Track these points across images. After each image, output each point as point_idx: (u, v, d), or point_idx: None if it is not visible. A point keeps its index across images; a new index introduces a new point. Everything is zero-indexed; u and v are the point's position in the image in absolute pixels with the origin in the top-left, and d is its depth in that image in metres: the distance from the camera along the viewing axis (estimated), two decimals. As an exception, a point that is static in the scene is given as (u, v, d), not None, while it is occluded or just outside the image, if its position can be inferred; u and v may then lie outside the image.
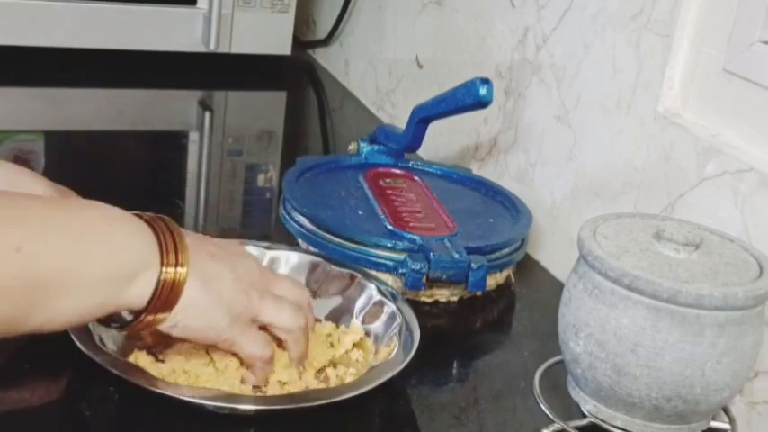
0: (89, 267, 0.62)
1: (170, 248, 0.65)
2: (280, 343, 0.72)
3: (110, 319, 0.67)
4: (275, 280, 0.73)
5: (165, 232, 0.65)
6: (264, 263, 0.84)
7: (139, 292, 0.64)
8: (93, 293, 0.62)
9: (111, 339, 0.72)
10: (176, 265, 0.64)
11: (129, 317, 0.66)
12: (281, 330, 0.71)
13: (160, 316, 0.65)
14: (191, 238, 0.67)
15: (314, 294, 0.83)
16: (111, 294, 0.63)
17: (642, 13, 0.86)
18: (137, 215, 0.67)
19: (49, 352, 0.70)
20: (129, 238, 0.64)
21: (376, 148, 1.06)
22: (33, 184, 0.78)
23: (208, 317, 0.66)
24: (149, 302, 0.64)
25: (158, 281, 0.64)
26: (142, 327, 0.66)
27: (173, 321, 0.65)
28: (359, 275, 0.83)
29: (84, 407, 0.68)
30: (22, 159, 1.06)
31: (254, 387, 0.71)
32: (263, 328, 0.71)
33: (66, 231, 0.62)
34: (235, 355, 0.70)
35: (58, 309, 0.61)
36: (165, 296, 0.64)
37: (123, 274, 0.63)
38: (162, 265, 0.64)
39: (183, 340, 0.71)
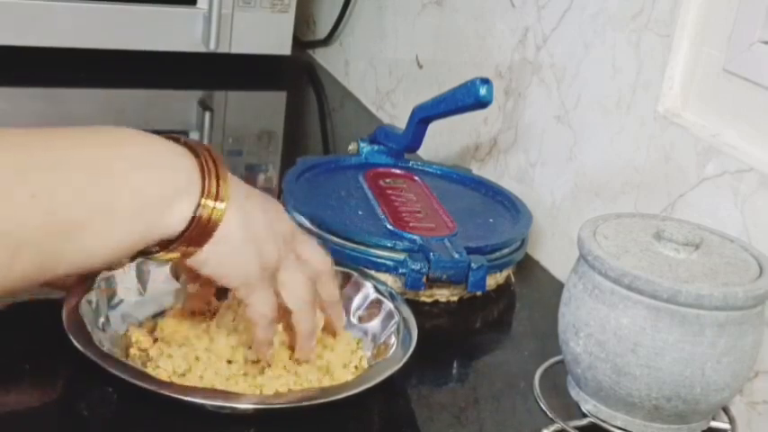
0: (120, 203, 0.59)
1: (212, 179, 0.62)
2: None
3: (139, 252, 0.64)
4: (303, 241, 0.70)
5: (208, 160, 0.62)
6: None
7: (178, 220, 0.61)
8: (128, 229, 0.60)
9: (108, 340, 0.72)
10: (216, 198, 0.62)
11: (155, 248, 0.63)
12: (291, 297, 0.68)
13: (191, 249, 0.62)
14: (232, 177, 0.64)
15: None
16: (148, 225, 0.60)
17: (642, 13, 0.86)
18: (182, 142, 0.64)
19: (49, 352, 0.70)
20: (171, 170, 0.61)
21: (376, 148, 1.06)
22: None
23: (238, 257, 0.64)
24: (183, 232, 0.61)
25: (196, 208, 0.61)
26: (171, 258, 0.63)
27: (204, 255, 0.63)
28: (355, 274, 0.83)
29: (82, 407, 0.68)
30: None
31: (254, 363, 0.70)
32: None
33: (90, 166, 0.59)
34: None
35: (90, 248, 0.59)
36: (203, 227, 0.61)
37: (161, 199, 0.60)
38: (202, 195, 0.61)
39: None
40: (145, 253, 0.64)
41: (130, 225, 0.60)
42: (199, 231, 0.62)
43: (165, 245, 0.62)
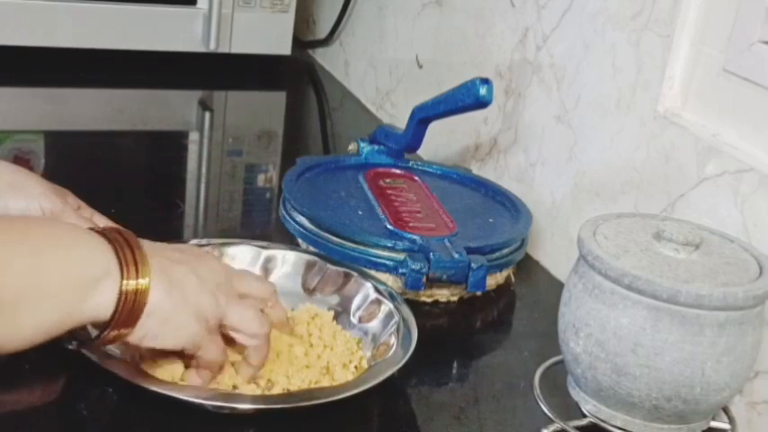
0: (47, 280, 0.60)
1: (129, 260, 0.63)
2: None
3: (73, 338, 0.66)
4: (239, 278, 0.71)
5: (122, 244, 0.64)
6: (260, 262, 0.84)
7: (101, 304, 0.62)
8: (53, 307, 0.61)
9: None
10: (137, 276, 0.63)
11: (93, 332, 0.65)
12: (245, 336, 0.69)
13: (124, 331, 0.63)
14: (149, 247, 0.65)
15: (310, 293, 0.83)
16: (72, 307, 0.61)
17: (642, 13, 0.86)
18: (93, 230, 0.65)
19: (48, 352, 0.70)
20: (87, 249, 0.63)
21: (376, 148, 1.06)
22: (33, 184, 0.78)
23: (176, 322, 0.65)
24: (113, 316, 0.62)
25: (120, 292, 0.62)
26: (108, 341, 0.65)
27: (141, 332, 0.64)
28: (355, 274, 0.83)
29: (82, 407, 0.68)
30: (22, 159, 1.06)
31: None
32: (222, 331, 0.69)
33: (19, 246, 0.61)
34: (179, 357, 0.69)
35: (18, 324, 0.60)
36: (129, 307, 0.63)
37: (83, 285, 0.61)
38: (122, 277, 0.62)
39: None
40: (85, 341, 0.65)
41: (57, 305, 0.61)
42: (128, 311, 0.63)
43: (102, 329, 0.63)
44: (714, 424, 0.71)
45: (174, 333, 0.65)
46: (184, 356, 0.69)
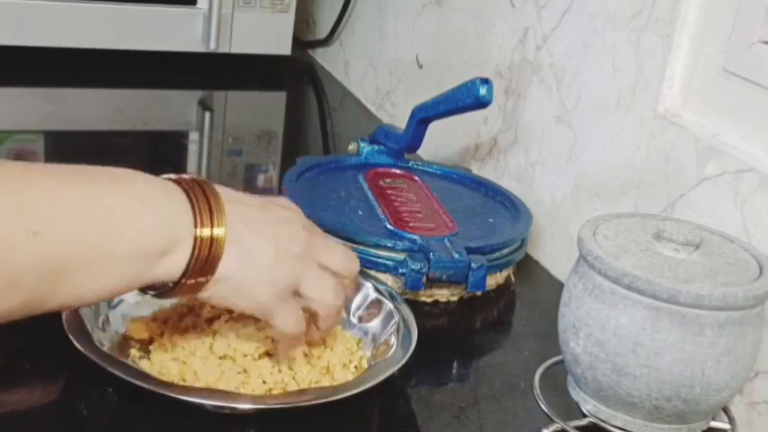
0: (115, 248, 0.59)
1: (204, 211, 0.62)
2: None
3: (151, 287, 0.64)
4: (323, 247, 0.69)
5: (199, 195, 0.62)
6: None
7: (171, 268, 0.61)
8: (121, 273, 0.60)
9: (108, 340, 0.72)
10: (212, 227, 0.61)
11: (170, 283, 0.63)
12: (318, 305, 0.68)
13: (200, 280, 0.62)
14: (232, 204, 0.63)
15: None
16: (141, 271, 0.61)
17: (642, 13, 0.86)
18: (171, 179, 0.64)
19: (49, 352, 0.70)
20: (161, 215, 0.61)
21: (376, 148, 1.06)
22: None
23: (247, 291, 0.64)
24: (185, 271, 0.62)
25: (193, 248, 0.61)
26: (181, 293, 0.64)
27: (211, 291, 0.63)
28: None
29: (82, 407, 0.68)
30: (22, 159, 1.06)
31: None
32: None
33: (89, 212, 0.59)
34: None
35: (82, 290, 0.59)
36: (203, 261, 0.62)
37: (153, 253, 0.60)
38: (196, 227, 0.61)
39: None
40: (153, 289, 0.64)
41: (123, 270, 0.60)
42: (201, 264, 0.62)
43: (175, 282, 0.63)
44: (714, 424, 0.71)
45: (245, 299, 0.65)
46: (261, 322, 0.69)
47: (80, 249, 0.58)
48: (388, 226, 0.90)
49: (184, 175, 0.65)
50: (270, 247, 0.65)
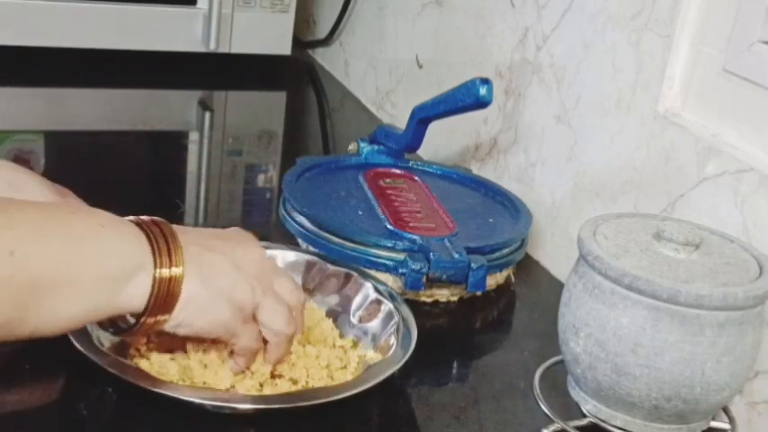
0: (83, 269, 0.61)
1: (162, 250, 0.64)
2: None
3: (111, 324, 0.67)
4: (277, 276, 0.71)
5: (157, 235, 0.65)
6: None
7: (136, 295, 0.63)
8: (88, 296, 0.62)
9: (108, 339, 0.72)
10: (171, 266, 0.64)
11: (131, 320, 0.66)
12: (270, 333, 0.69)
13: (161, 318, 0.65)
14: (187, 236, 0.66)
15: (310, 293, 0.83)
16: (106, 297, 0.63)
17: (642, 13, 0.86)
18: (130, 220, 0.66)
19: (48, 352, 0.70)
20: (122, 240, 0.64)
21: (376, 148, 1.06)
22: (33, 184, 0.78)
23: (212, 312, 0.66)
24: (147, 305, 0.63)
25: (153, 281, 0.63)
26: (145, 330, 0.66)
27: (176, 321, 0.65)
28: (355, 274, 0.83)
29: (82, 407, 0.68)
30: (22, 159, 1.06)
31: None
32: None
33: (59, 235, 0.62)
34: (211, 345, 0.70)
35: (54, 311, 0.61)
36: (163, 297, 0.64)
37: (117, 276, 0.63)
38: (155, 267, 0.63)
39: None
40: (120, 330, 0.67)
41: (93, 294, 0.62)
42: (162, 299, 0.64)
43: (138, 317, 0.64)
44: (714, 424, 0.71)
45: (209, 321, 0.66)
46: (220, 344, 0.70)
47: (54, 269, 0.60)
48: (388, 226, 0.90)
49: (143, 217, 0.67)
50: (228, 266, 0.67)
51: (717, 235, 0.72)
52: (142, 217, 0.67)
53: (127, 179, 1.09)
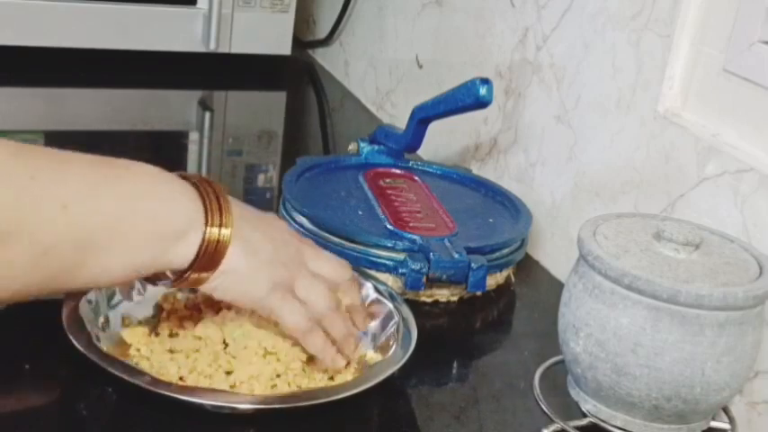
0: (136, 225, 0.63)
1: (215, 210, 0.65)
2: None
3: (155, 277, 0.68)
4: (314, 256, 0.73)
5: (210, 194, 0.66)
6: None
7: (185, 252, 0.64)
8: (140, 251, 0.63)
9: (108, 339, 0.72)
10: (220, 226, 0.65)
11: (172, 276, 0.67)
12: (313, 310, 0.70)
13: (204, 275, 0.66)
14: (235, 205, 0.67)
15: None
16: (158, 252, 0.64)
17: (642, 13, 0.86)
18: (183, 177, 0.67)
19: (49, 352, 0.70)
20: (176, 198, 0.65)
21: (376, 148, 1.06)
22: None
23: (247, 283, 0.67)
24: (194, 261, 0.65)
25: (203, 240, 0.65)
26: (186, 285, 0.67)
27: (214, 283, 0.66)
28: (355, 274, 0.83)
29: (82, 407, 0.68)
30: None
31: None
32: None
33: (112, 190, 0.63)
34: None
35: (106, 265, 0.62)
36: (210, 255, 0.65)
37: (170, 233, 0.64)
38: (206, 225, 0.65)
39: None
40: (159, 279, 0.67)
41: (144, 251, 0.64)
42: (209, 256, 0.65)
43: (179, 273, 0.66)
44: (714, 424, 0.71)
45: (244, 293, 0.68)
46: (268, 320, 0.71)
47: (106, 227, 0.61)
48: (388, 226, 0.90)
49: (195, 174, 0.68)
50: (269, 246, 0.69)
51: (717, 235, 0.72)
52: (195, 174, 0.68)
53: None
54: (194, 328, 0.73)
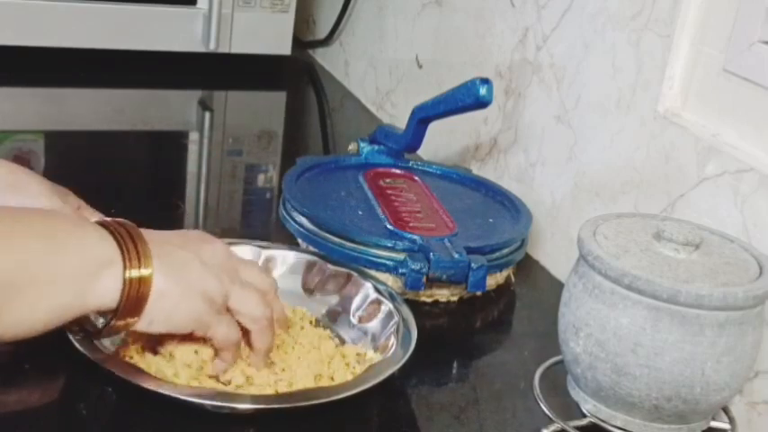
0: (53, 265, 0.62)
1: (131, 250, 0.65)
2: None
3: (79, 328, 0.67)
4: (242, 265, 0.72)
5: (124, 236, 0.65)
6: (260, 262, 0.84)
7: (106, 292, 0.64)
8: (57, 295, 0.62)
9: (109, 340, 0.72)
10: (140, 267, 0.64)
11: (100, 323, 0.66)
12: (248, 319, 0.70)
13: (131, 320, 0.65)
14: (151, 236, 0.67)
15: (310, 293, 0.83)
16: (77, 293, 0.63)
17: (642, 13, 0.86)
18: (99, 222, 0.67)
19: (48, 352, 0.70)
20: (88, 239, 0.65)
21: (376, 148, 1.06)
22: (33, 184, 0.78)
23: (183, 306, 0.66)
24: (119, 304, 0.64)
25: (123, 282, 0.64)
26: (115, 330, 0.66)
27: (148, 319, 0.65)
28: (355, 274, 0.83)
29: (82, 407, 0.68)
30: (22, 159, 1.06)
31: (213, 377, 0.70)
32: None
33: (28, 232, 0.62)
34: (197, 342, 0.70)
35: (24, 309, 0.61)
36: (134, 298, 0.64)
37: (87, 272, 0.63)
38: (125, 267, 0.64)
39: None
40: (87, 333, 0.67)
41: (68, 288, 0.63)
42: (133, 300, 0.64)
43: (110, 318, 0.65)
44: (714, 424, 0.71)
45: (181, 316, 0.67)
46: (199, 341, 0.70)
47: (18, 270, 0.61)
48: (388, 226, 0.90)
49: (108, 219, 0.68)
50: (195, 261, 0.68)
51: (717, 235, 0.72)
52: (107, 219, 0.68)
53: (127, 179, 1.09)
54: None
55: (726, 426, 0.72)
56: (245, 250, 0.84)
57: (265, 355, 0.71)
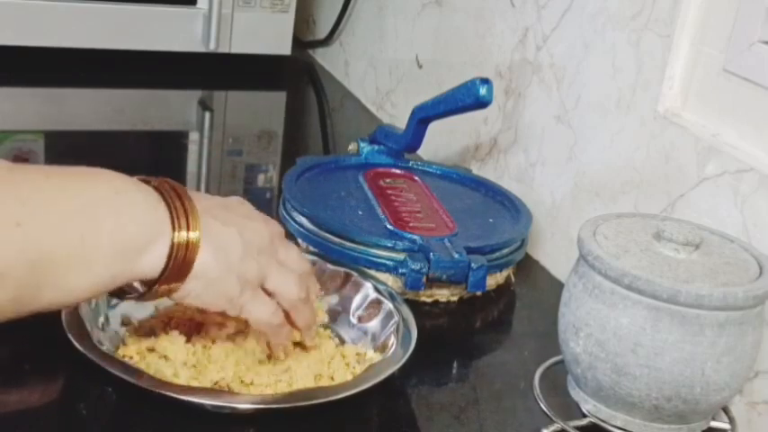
0: (97, 241, 0.60)
1: (180, 213, 0.63)
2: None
3: (122, 291, 0.66)
4: (282, 246, 0.71)
5: (173, 197, 0.64)
6: None
7: (152, 263, 0.62)
8: (103, 268, 0.61)
9: (108, 339, 0.72)
10: (188, 229, 0.63)
11: (141, 288, 0.65)
12: (285, 300, 0.69)
13: (174, 285, 0.64)
14: (200, 203, 0.65)
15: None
16: (122, 267, 0.62)
17: (642, 13, 0.86)
18: (143, 180, 0.65)
19: (48, 352, 0.70)
20: (139, 208, 0.63)
21: (376, 148, 1.06)
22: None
23: (219, 286, 0.65)
24: (163, 272, 0.63)
25: (171, 250, 0.62)
26: (156, 297, 0.65)
27: (185, 291, 0.65)
28: (354, 274, 0.83)
29: (82, 407, 0.68)
30: (22, 159, 1.06)
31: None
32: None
33: (70, 204, 0.60)
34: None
35: (68, 285, 0.60)
36: (180, 263, 0.63)
37: (134, 246, 0.62)
38: (173, 229, 0.62)
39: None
40: (128, 294, 0.66)
41: (106, 267, 0.61)
42: (178, 266, 0.63)
43: (149, 285, 0.64)
44: (714, 424, 0.71)
45: (217, 295, 0.66)
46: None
47: (63, 241, 0.59)
48: (388, 226, 0.90)
49: (156, 178, 0.66)
50: (238, 241, 0.66)
51: (717, 235, 0.72)
52: (155, 178, 0.66)
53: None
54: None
55: (726, 426, 0.72)
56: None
57: (309, 330, 0.72)
